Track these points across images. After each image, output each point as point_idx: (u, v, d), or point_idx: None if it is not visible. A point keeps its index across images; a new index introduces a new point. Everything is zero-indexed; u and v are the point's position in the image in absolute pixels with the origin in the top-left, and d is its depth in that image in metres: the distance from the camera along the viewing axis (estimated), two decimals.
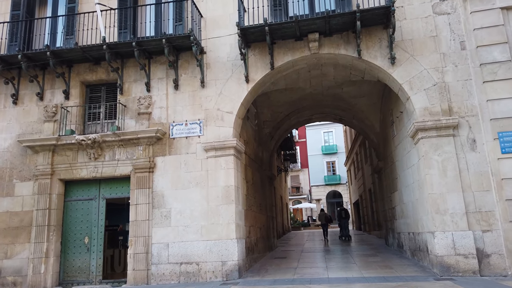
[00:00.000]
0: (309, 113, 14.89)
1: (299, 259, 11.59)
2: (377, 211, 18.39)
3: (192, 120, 10.02)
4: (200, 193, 9.55)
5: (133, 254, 9.41)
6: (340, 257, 11.85)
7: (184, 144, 9.93)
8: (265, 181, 14.21)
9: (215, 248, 9.14)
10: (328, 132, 52.96)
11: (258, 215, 12.31)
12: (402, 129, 10.62)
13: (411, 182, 10.13)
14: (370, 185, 19.92)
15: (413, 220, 10.24)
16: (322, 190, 50.71)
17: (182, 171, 9.76)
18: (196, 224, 9.41)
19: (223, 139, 9.69)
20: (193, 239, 9.34)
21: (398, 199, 11.79)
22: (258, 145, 13.55)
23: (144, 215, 9.57)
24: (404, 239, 11.40)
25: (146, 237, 9.46)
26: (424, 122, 8.73)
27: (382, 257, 11.21)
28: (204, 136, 9.87)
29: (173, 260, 9.29)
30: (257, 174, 12.91)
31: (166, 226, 9.51)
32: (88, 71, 10.73)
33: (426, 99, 8.98)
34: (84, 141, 9.87)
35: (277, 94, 12.79)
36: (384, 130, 13.12)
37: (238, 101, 9.91)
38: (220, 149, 9.63)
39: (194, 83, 10.22)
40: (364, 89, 12.57)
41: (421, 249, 9.57)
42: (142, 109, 10.18)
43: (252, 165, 12.14)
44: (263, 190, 13.72)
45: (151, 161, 9.84)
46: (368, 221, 22.07)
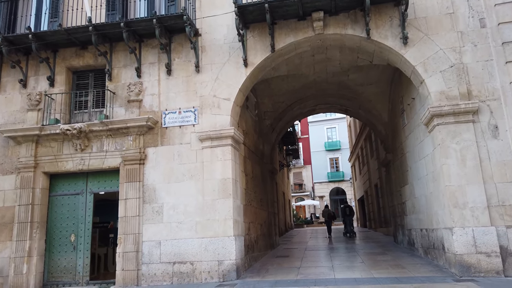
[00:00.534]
0: (313, 104, 14.07)
1: (302, 258, 10.82)
2: (384, 207, 17.58)
3: (186, 108, 9.24)
4: (195, 187, 8.78)
5: (122, 253, 8.66)
6: (346, 256, 11.06)
7: (178, 134, 9.16)
8: (266, 175, 13.43)
9: (211, 246, 8.37)
10: (331, 128, 52.18)
11: (258, 211, 11.54)
12: (414, 117, 9.80)
13: (424, 174, 9.32)
14: (376, 180, 19.10)
15: (426, 216, 9.43)
16: (325, 187, 49.92)
17: (175, 163, 9.00)
18: (190, 220, 8.64)
19: (219, 128, 8.91)
20: (187, 236, 8.58)
21: (409, 193, 10.98)
22: (258, 137, 12.77)
23: (134, 211, 8.82)
24: (415, 236, 10.59)
25: (136, 235, 8.71)
26: (440, 107, 7.91)
27: (392, 256, 10.41)
28: (199, 125, 9.10)
29: (165, 259, 8.54)
30: (258, 168, 12.13)
31: (158, 223, 8.75)
32: (74, 56, 9.96)
33: (442, 82, 8.16)
34: (69, 130, 9.11)
35: (279, 81, 11.99)
36: (393, 120, 12.30)
37: (236, 86, 9.12)
38: (216, 138, 8.85)
39: (188, 68, 9.43)
40: (372, 75, 11.75)
41: (436, 247, 8.77)
42: (132, 96, 9.41)
43: (252, 157, 11.36)
44: (264, 185, 12.94)
45: (141, 152, 9.08)
46: (374, 217, 21.26)
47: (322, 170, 50.47)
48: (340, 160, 50.41)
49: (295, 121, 15.43)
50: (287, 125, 14.65)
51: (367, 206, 23.68)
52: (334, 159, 50.98)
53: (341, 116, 50.93)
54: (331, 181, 49.91)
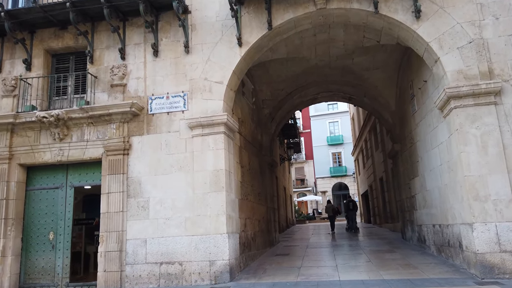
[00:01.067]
0: (314, 91, 13.18)
1: (303, 257, 9.98)
2: (390, 202, 16.71)
3: (174, 93, 8.38)
4: (184, 179, 7.94)
5: (105, 252, 7.84)
6: (351, 254, 10.22)
7: (165, 121, 8.31)
8: (265, 168, 12.58)
9: (202, 245, 7.54)
10: (334, 122, 51.24)
11: (256, 206, 10.70)
12: (426, 101, 8.90)
13: (438, 164, 8.45)
14: (381, 173, 18.23)
15: (440, 210, 8.56)
16: (328, 182, 49.07)
17: (162, 153, 8.15)
18: (179, 216, 7.81)
19: (211, 114, 8.05)
20: (175, 234, 7.75)
21: (419, 186, 10.10)
22: (256, 127, 11.90)
23: (118, 206, 7.99)
24: (427, 233, 9.73)
25: (119, 232, 7.88)
26: (458, 87, 7.02)
27: (401, 254, 9.56)
28: (188, 111, 8.24)
29: (151, 259, 7.71)
30: (255, 160, 11.28)
31: (144, 219, 7.92)
32: (53, 37, 9.11)
33: (460, 60, 7.26)
34: (46, 118, 8.27)
35: (277, 66, 11.10)
36: (402, 108, 11.40)
37: (230, 68, 8.25)
38: (207, 126, 7.99)
39: (177, 49, 8.56)
40: (379, 59, 10.84)
41: (452, 244, 7.91)
42: (116, 80, 8.55)
43: (249, 148, 10.50)
44: (263, 178, 12.10)
45: (125, 141, 8.23)
46: (379, 213, 20.39)
47: (325, 165, 49.58)
48: (343, 155, 49.49)
49: (295, 111, 14.54)
50: (287, 114, 13.77)
51: (372, 201, 22.82)
52: (336, 153, 50.07)
53: (343, 110, 50.00)
54: (334, 176, 49.03)
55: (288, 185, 25.98)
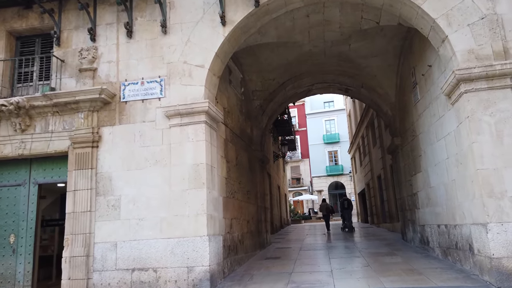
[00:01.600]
0: (308, 82, 12.31)
1: (296, 260, 9.11)
2: (388, 200, 15.88)
3: (150, 78, 7.48)
4: (160, 175, 7.05)
5: (69, 257, 6.93)
6: (348, 257, 9.36)
7: (140, 110, 7.41)
8: (255, 164, 11.69)
9: (179, 249, 6.65)
10: (330, 120, 50.47)
11: (244, 205, 9.81)
12: (431, 89, 8.05)
13: (444, 158, 7.60)
14: (379, 171, 17.39)
15: (446, 209, 7.72)
16: (324, 181, 48.28)
17: (136, 145, 7.25)
18: (154, 216, 6.91)
19: (191, 101, 7.16)
20: (149, 236, 6.85)
21: (422, 183, 9.25)
22: (245, 119, 11.01)
23: (85, 205, 7.08)
24: (430, 234, 8.88)
25: (86, 235, 6.97)
26: (469, 69, 6.16)
27: (402, 257, 8.70)
28: (166, 99, 7.35)
29: (122, 265, 6.81)
30: (244, 155, 10.39)
31: (114, 220, 7.02)
32: (16, 17, 8.18)
33: (470, 38, 6.41)
34: (5, 106, 7.35)
35: (268, 52, 10.22)
36: (402, 98, 10.55)
37: (212, 50, 7.36)
38: (187, 114, 7.10)
39: (154, 29, 7.66)
40: (378, 45, 9.98)
41: (461, 247, 7.06)
42: (85, 64, 7.64)
43: (236, 141, 9.61)
44: (253, 175, 11.21)
45: (95, 132, 7.33)
46: (376, 212, 19.57)
47: (321, 163, 48.80)
48: (339, 153, 48.74)
49: (288, 103, 13.65)
50: (279, 107, 12.88)
51: (369, 200, 22.00)
52: (333, 152, 49.31)
53: (340, 108, 49.26)
54: (330, 175, 48.27)
55: (282, 183, 25.12)
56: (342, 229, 18.59)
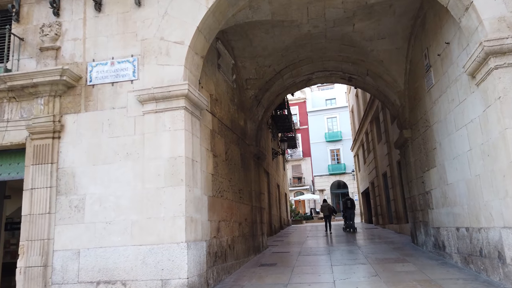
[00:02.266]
0: (308, 70, 11.22)
1: (294, 268, 8.03)
2: (395, 200, 14.76)
3: (121, 57, 6.41)
4: (132, 170, 5.98)
5: (25, 268, 5.86)
6: (352, 263, 8.27)
7: (109, 94, 6.34)
8: (250, 160, 10.60)
9: (152, 258, 5.58)
10: (332, 118, 49.34)
11: (235, 205, 8.73)
12: (449, 70, 6.95)
13: (465, 150, 6.50)
14: (385, 168, 16.28)
15: (468, 209, 6.61)
16: (326, 180, 47.18)
17: (104, 135, 6.19)
18: (123, 219, 5.84)
19: (168, 83, 6.09)
20: (118, 243, 5.78)
21: (437, 179, 8.15)
22: (238, 110, 9.93)
23: (43, 206, 6.02)
24: (447, 238, 7.78)
25: (45, 241, 5.91)
26: (501, 40, 5.10)
27: (415, 265, 7.60)
28: (139, 81, 6.28)
29: (86, 277, 5.74)
30: (236, 149, 9.30)
31: (77, 223, 5.95)
32: None
33: (501, 3, 5.32)
34: None
35: (262, 35, 9.12)
36: (413, 85, 9.44)
37: (193, 24, 6.28)
38: (163, 99, 6.02)
39: (126, 1, 6.59)
40: (385, 25, 8.88)
41: (486, 254, 5.96)
42: (47, 43, 6.58)
43: (226, 134, 8.53)
44: (246, 172, 10.13)
45: (56, 121, 6.27)
46: (382, 212, 18.45)
47: (323, 162, 47.68)
48: (342, 152, 47.64)
49: (286, 94, 12.53)
50: (276, 98, 11.78)
51: (373, 199, 20.88)
52: (335, 150, 48.18)
53: (342, 105, 48.11)
54: (332, 174, 47.17)
55: (282, 182, 24.04)
56: (344, 229, 18.04)
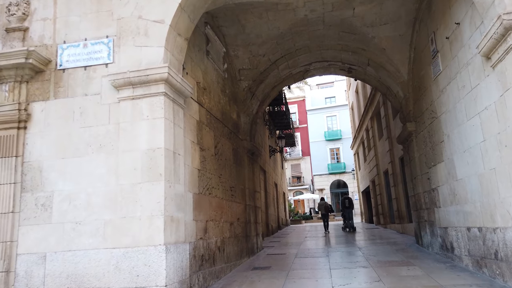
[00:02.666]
0: (305, 60, 10.57)
1: (289, 271, 7.38)
2: (397, 198, 14.11)
3: (95, 39, 5.76)
4: (106, 164, 5.33)
5: None
6: (353, 267, 7.62)
7: (82, 80, 5.69)
8: (243, 156, 9.95)
9: (126, 263, 4.93)
10: (331, 117, 48.74)
11: (226, 204, 8.08)
12: (459, 53, 6.30)
13: (478, 141, 5.85)
14: (386, 165, 15.63)
15: (480, 207, 5.97)
16: (326, 180, 46.56)
17: (75, 125, 5.54)
18: (95, 219, 5.19)
19: (145, 66, 5.44)
20: (89, 245, 5.13)
21: (444, 175, 7.50)
22: (230, 102, 9.28)
23: (6, 204, 5.37)
24: (456, 238, 7.13)
25: (7, 244, 5.26)
26: None
27: (422, 268, 6.96)
28: (115, 65, 5.63)
29: (52, 284, 5.09)
30: (227, 144, 8.65)
31: (44, 223, 5.30)
32: None
33: None
34: None
35: (255, 19, 8.47)
36: (417, 74, 8.79)
37: (175, 1, 5.63)
38: (140, 84, 5.38)
39: None
40: (388, 9, 8.24)
41: (503, 257, 5.31)
42: (13, 23, 5.93)
43: (216, 126, 7.88)
44: (239, 169, 9.48)
45: (22, 109, 5.61)
46: (383, 211, 17.80)
47: (322, 161, 47.08)
48: (341, 151, 47.05)
49: (283, 86, 11.87)
50: (272, 91, 11.12)
51: (374, 198, 20.24)
52: (334, 149, 47.59)
53: (342, 103, 47.50)
54: (332, 173, 46.56)
55: (280, 181, 23.39)
56: (343, 229, 17.74)
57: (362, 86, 20.36)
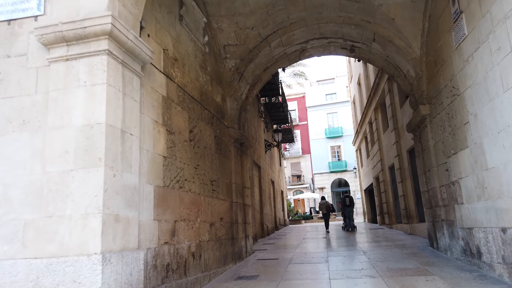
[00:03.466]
0: (302, 37, 9.21)
1: (280, 282, 6.05)
2: (405, 195, 12.76)
3: None
4: (30, 145, 4.02)
5: None
6: (358, 276, 6.28)
7: (4, 37, 4.39)
8: (229, 146, 8.61)
9: (49, 279, 3.61)
10: (332, 114, 47.42)
11: (205, 201, 6.74)
12: (493, 7, 4.96)
13: None
14: (392, 159, 14.28)
15: None
16: (326, 178, 45.24)
17: None
18: (13, 218, 3.87)
19: (84, 16, 4.10)
20: (3, 254, 3.82)
21: (469, 164, 6.15)
22: (212, 82, 7.95)
23: None
24: (485, 242, 5.78)
25: None
26: None
27: (443, 279, 5.61)
28: (46, 17, 4.31)
29: None
30: (208, 130, 7.32)
31: None
32: None
33: None
34: None
35: None
36: (433, 46, 7.44)
37: None
38: (77, 40, 4.06)
39: None
40: None
41: None
42: None
43: (192, 108, 6.54)
44: (224, 160, 8.15)
45: None
46: (388, 210, 16.43)
47: (323, 159, 45.77)
48: (343, 149, 45.76)
49: (276, 69, 10.44)
50: (264, 73, 9.77)
51: (378, 196, 18.88)
52: (335, 147, 46.28)
53: (343, 100, 46.17)
54: (333, 172, 45.26)
55: (278, 178, 22.06)
56: (343, 228, 17.15)
57: (365, 76, 19.03)
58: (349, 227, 16.17)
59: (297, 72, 36.33)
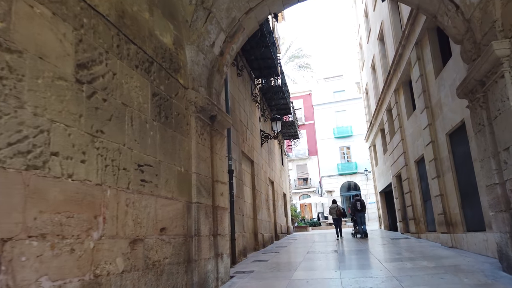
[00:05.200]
0: None
1: None
2: (444, 195, 9.59)
3: None
4: None
5: None
6: None
7: None
8: (186, 115, 5.57)
9: None
10: (341, 112, 44.29)
11: (119, 199, 3.73)
12: None
13: None
14: (421, 150, 11.16)
15: None
16: (335, 181, 42.06)
17: None
18: None
19: None
20: None
21: None
22: (153, 10, 4.97)
23: None
24: None
25: None
26: None
27: None
28: None
29: None
30: (137, 79, 4.33)
31: None
32: None
33: None
34: None
35: None
36: None
37: None
38: None
39: None
40: None
41: None
42: None
43: (91, 27, 3.55)
44: (173, 135, 5.14)
45: None
46: (415, 215, 13.20)
47: (331, 161, 42.62)
48: (352, 149, 42.60)
49: (264, 12, 7.38)
50: (246, 19, 6.71)
51: (399, 199, 15.69)
52: (344, 148, 43.13)
53: (352, 97, 43.10)
54: (342, 174, 42.09)
55: (280, 179, 18.99)
56: (353, 235, 15.87)
57: (381, 55, 15.97)
58: (361, 234, 14.97)
59: (302, 64, 33.41)
